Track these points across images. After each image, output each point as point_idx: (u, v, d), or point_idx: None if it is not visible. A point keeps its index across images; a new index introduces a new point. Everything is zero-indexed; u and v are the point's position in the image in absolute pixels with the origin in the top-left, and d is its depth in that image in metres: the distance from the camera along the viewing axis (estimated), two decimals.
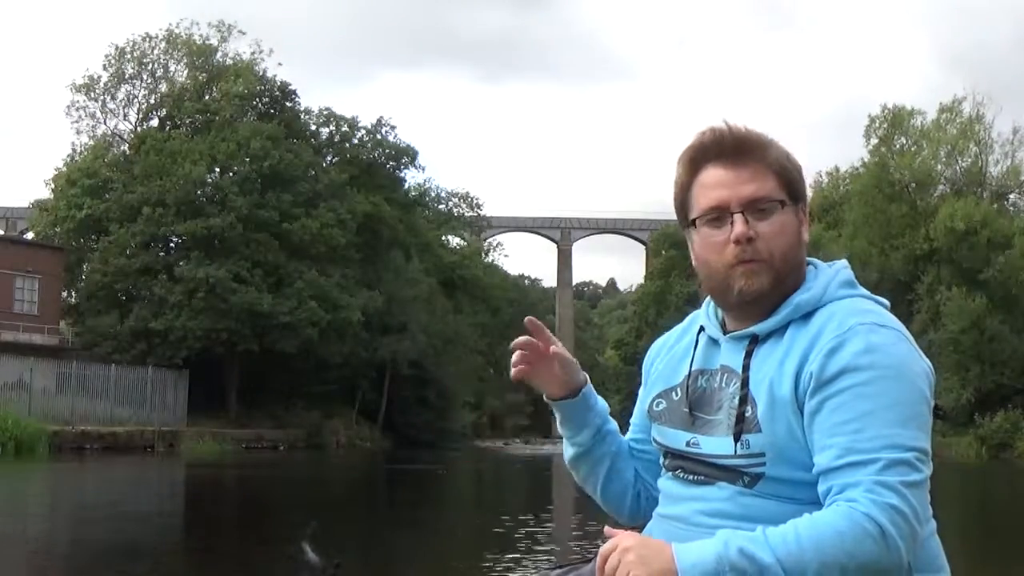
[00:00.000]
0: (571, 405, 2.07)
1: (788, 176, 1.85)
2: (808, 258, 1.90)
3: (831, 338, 1.75)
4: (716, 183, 1.85)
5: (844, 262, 1.92)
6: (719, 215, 1.84)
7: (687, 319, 2.07)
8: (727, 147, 1.85)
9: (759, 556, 1.62)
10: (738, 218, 1.82)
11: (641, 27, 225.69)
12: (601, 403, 2.12)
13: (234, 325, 48.82)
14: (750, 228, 1.81)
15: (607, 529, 1.75)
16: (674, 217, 1.95)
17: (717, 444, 1.83)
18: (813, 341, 1.77)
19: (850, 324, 1.76)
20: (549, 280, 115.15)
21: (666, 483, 1.95)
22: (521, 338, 2.01)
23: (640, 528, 1.94)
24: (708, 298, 1.98)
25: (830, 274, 1.87)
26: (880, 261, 53.65)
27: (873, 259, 53.59)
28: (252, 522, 15.45)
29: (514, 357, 2.02)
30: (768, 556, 1.62)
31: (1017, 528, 15.96)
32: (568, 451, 2.14)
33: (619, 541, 1.69)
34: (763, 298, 1.83)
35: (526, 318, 2.05)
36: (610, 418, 2.13)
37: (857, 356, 1.72)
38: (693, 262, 1.92)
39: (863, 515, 1.63)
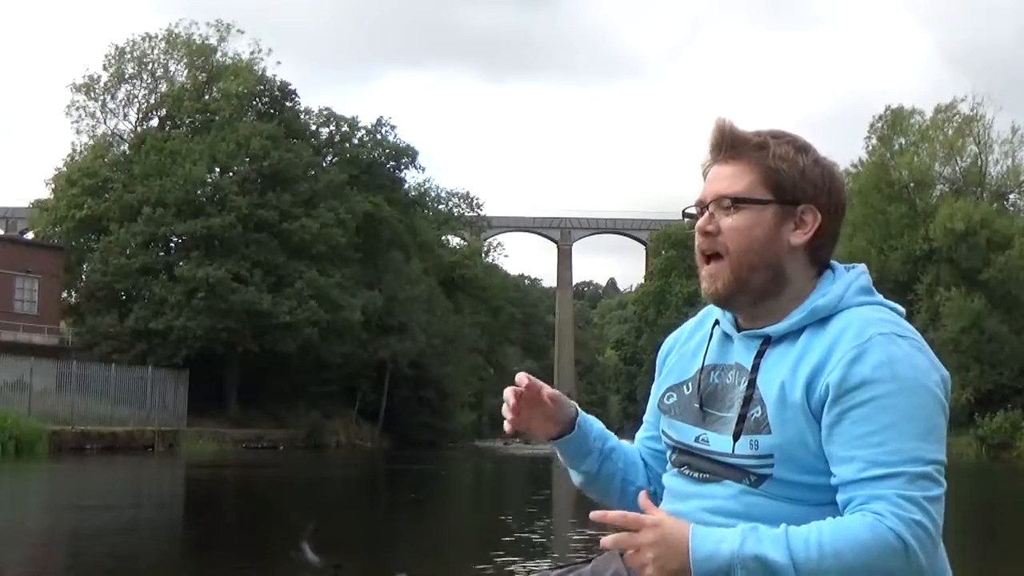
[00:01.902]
0: (570, 440, 2.04)
1: (777, 176, 1.83)
2: (832, 262, 1.89)
3: (850, 348, 1.73)
4: (706, 182, 1.88)
5: (863, 267, 1.89)
6: (697, 213, 1.88)
7: (700, 313, 2.05)
8: (718, 147, 1.88)
9: (774, 558, 1.62)
10: (705, 213, 1.85)
11: (642, 27, 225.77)
12: (596, 425, 2.08)
13: (234, 325, 48.86)
14: (713, 223, 1.83)
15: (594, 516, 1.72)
16: (674, 217, 1.95)
17: (725, 442, 1.82)
18: (830, 349, 1.76)
19: (869, 334, 1.74)
20: (549, 280, 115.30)
21: (671, 480, 1.93)
22: (511, 389, 1.99)
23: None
24: None
25: (848, 279, 1.85)
26: (879, 261, 53.63)
27: (872, 259, 53.57)
28: (251, 522, 15.43)
29: (504, 410, 1.99)
30: (784, 559, 1.62)
31: (1017, 529, 15.96)
32: (575, 477, 2.10)
33: (642, 538, 1.67)
34: (728, 302, 1.85)
35: (518, 375, 2.00)
36: (609, 433, 2.10)
37: (877, 368, 1.71)
38: None
39: (889, 529, 1.63)
